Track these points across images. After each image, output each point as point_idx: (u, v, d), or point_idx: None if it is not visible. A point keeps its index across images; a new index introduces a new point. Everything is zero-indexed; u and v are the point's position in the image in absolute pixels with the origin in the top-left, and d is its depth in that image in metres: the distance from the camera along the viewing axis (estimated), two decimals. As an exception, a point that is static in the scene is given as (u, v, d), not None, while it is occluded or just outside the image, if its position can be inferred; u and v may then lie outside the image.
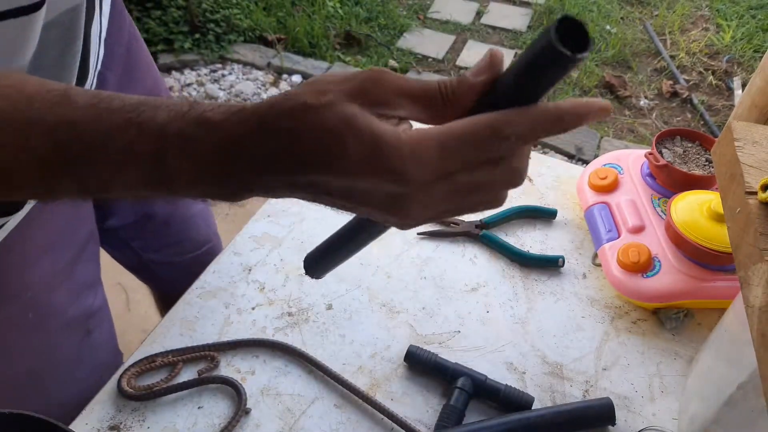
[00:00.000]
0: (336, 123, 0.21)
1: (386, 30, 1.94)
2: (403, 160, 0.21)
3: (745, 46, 1.91)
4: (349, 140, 0.21)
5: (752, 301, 0.27)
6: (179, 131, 0.21)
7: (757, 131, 0.34)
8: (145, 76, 0.53)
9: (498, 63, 0.22)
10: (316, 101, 0.21)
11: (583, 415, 0.39)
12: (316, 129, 0.21)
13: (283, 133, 0.21)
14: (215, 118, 0.22)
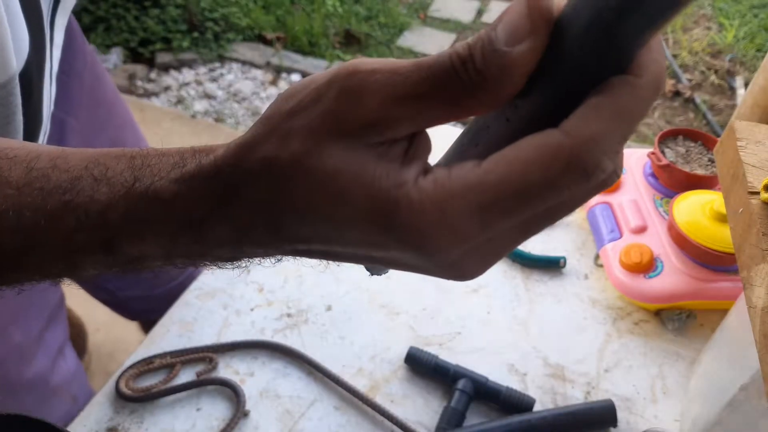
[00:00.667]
0: (313, 190, 0.15)
1: (386, 28, 1.93)
2: (423, 238, 0.14)
3: (748, 46, 1.90)
4: (340, 214, 0.15)
5: (755, 301, 0.27)
6: (125, 214, 0.17)
7: (760, 131, 0.34)
8: (109, 119, 0.49)
9: (546, 18, 0.13)
10: (280, 154, 0.15)
11: (584, 417, 0.39)
12: (290, 198, 0.15)
13: (248, 207, 0.16)
14: (165, 194, 0.16)
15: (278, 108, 0.16)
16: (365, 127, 0.14)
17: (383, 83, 0.14)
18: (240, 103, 1.67)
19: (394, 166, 0.14)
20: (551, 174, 0.13)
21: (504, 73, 0.13)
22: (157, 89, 1.69)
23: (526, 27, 0.12)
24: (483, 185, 0.13)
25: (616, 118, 0.12)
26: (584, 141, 0.12)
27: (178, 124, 1.56)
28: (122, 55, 1.75)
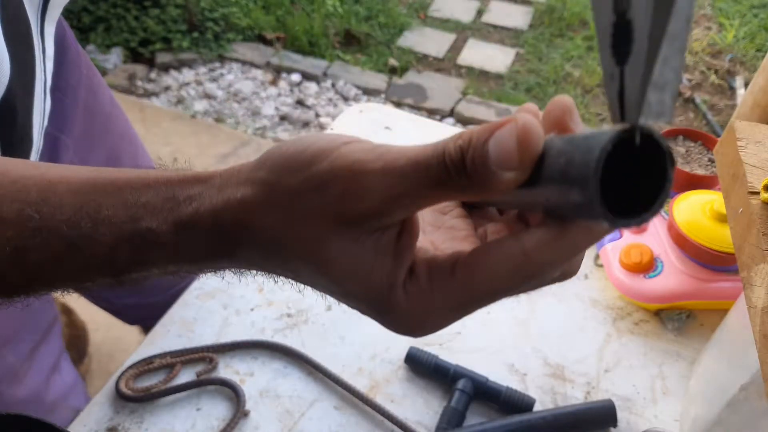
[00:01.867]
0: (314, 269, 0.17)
1: (386, 28, 1.93)
2: (408, 328, 0.17)
3: (748, 45, 1.90)
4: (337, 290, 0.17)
5: (755, 301, 0.27)
6: (131, 256, 0.18)
7: (760, 131, 0.34)
8: (106, 131, 0.47)
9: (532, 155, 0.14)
10: (286, 237, 0.17)
11: (584, 417, 0.39)
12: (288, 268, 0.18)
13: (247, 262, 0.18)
14: (166, 239, 0.18)
15: (281, 179, 0.17)
16: (366, 218, 0.16)
17: (385, 184, 0.15)
18: (240, 103, 1.67)
19: (386, 263, 0.17)
20: (512, 284, 0.16)
21: (493, 186, 0.15)
22: (157, 89, 1.69)
23: (514, 161, 0.14)
24: (460, 294, 0.16)
25: (569, 249, 0.15)
26: (540, 265, 0.15)
27: (178, 124, 1.56)
28: (122, 55, 1.75)
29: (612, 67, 0.13)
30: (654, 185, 0.13)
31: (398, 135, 0.63)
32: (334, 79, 1.74)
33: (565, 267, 0.17)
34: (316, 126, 1.61)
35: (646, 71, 0.12)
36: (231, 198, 0.18)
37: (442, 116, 1.65)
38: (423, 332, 0.17)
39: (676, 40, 0.11)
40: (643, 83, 0.12)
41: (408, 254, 0.17)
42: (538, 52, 1.88)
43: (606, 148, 0.12)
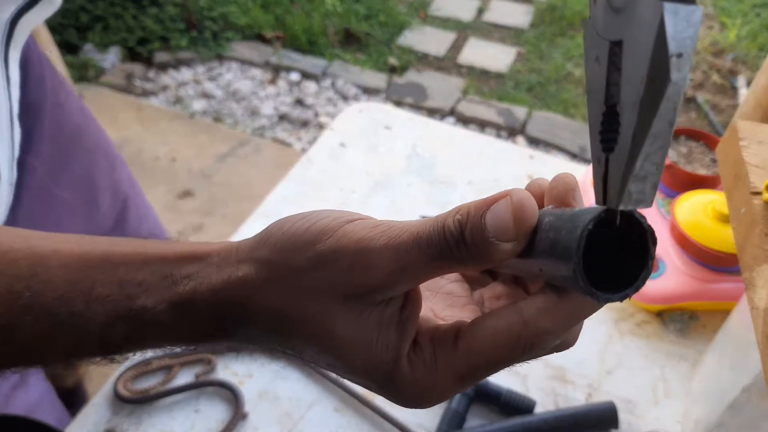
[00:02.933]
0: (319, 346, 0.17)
1: (386, 27, 1.93)
2: (414, 402, 0.17)
3: (750, 45, 1.89)
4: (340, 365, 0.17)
5: (757, 302, 0.26)
6: (126, 335, 0.18)
7: (762, 131, 0.33)
8: (76, 146, 0.43)
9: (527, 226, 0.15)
10: (291, 312, 0.17)
11: (585, 419, 0.39)
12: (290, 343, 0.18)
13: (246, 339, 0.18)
14: (164, 319, 0.18)
15: (283, 259, 0.17)
16: (371, 292, 0.17)
17: (390, 260, 0.16)
18: (239, 102, 1.67)
19: (391, 336, 0.17)
20: (513, 354, 0.16)
21: (491, 257, 0.16)
22: (155, 88, 1.68)
23: (511, 233, 0.15)
24: (463, 365, 0.17)
25: (567, 317, 0.16)
26: (538, 334, 0.16)
27: (176, 124, 1.55)
28: (120, 54, 1.74)
29: (599, 152, 0.14)
30: (638, 262, 0.14)
31: (398, 134, 0.63)
32: (334, 79, 1.73)
33: (565, 336, 0.17)
34: (316, 125, 1.60)
35: (628, 164, 0.13)
36: (231, 276, 0.18)
37: (443, 115, 1.65)
38: (428, 403, 0.17)
39: (659, 139, 0.12)
40: (625, 174, 0.13)
41: (412, 326, 0.17)
42: (539, 51, 1.88)
43: (587, 227, 0.14)
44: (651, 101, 0.12)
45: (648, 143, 0.12)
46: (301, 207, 0.64)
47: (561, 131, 1.60)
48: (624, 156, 0.13)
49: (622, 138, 0.13)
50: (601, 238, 0.14)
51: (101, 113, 1.71)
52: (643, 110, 0.12)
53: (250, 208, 0.55)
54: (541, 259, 0.15)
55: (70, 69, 1.39)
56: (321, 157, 0.60)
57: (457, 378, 0.17)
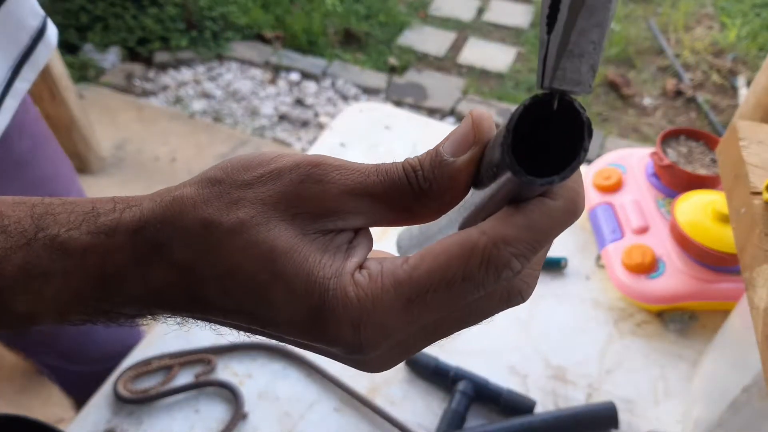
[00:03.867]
0: (253, 261, 0.14)
1: (386, 27, 1.93)
2: (354, 331, 0.14)
3: (750, 45, 1.89)
4: (274, 293, 0.14)
5: (757, 302, 0.26)
6: (23, 266, 0.15)
7: (762, 131, 0.33)
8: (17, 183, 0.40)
9: (483, 133, 0.15)
10: (223, 219, 0.14)
11: (585, 418, 0.39)
12: (223, 266, 0.14)
13: (170, 269, 0.15)
14: (74, 245, 0.15)
15: (230, 175, 0.15)
16: (320, 214, 0.15)
17: (345, 177, 0.15)
18: (239, 102, 1.67)
19: (337, 258, 0.15)
20: (469, 267, 0.14)
21: (450, 178, 0.15)
22: (155, 89, 1.68)
23: (469, 139, 0.15)
24: (410, 280, 0.14)
25: (526, 228, 0.14)
26: (495, 240, 0.14)
27: (176, 124, 1.55)
28: (120, 54, 1.74)
29: (543, 34, 0.13)
30: (573, 153, 0.13)
31: (398, 134, 0.63)
32: (334, 78, 1.73)
33: (527, 261, 0.14)
34: (316, 125, 1.60)
35: (563, 40, 0.12)
36: (164, 199, 0.15)
37: (443, 115, 1.65)
38: (369, 338, 0.14)
39: (595, 13, 0.12)
40: (559, 51, 0.12)
41: (360, 252, 0.15)
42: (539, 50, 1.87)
43: (523, 103, 0.13)
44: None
45: (583, 17, 0.12)
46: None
47: (561, 131, 1.60)
48: (559, 32, 0.12)
49: (561, 14, 0.12)
50: (540, 133, 0.14)
51: (101, 113, 1.71)
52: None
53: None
54: (488, 170, 0.14)
55: (70, 69, 1.39)
56: (321, 157, 0.60)
57: (405, 301, 0.14)
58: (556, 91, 0.13)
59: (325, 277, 0.14)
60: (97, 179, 1.35)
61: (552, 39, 0.13)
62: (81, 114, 1.28)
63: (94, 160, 1.36)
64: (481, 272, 0.14)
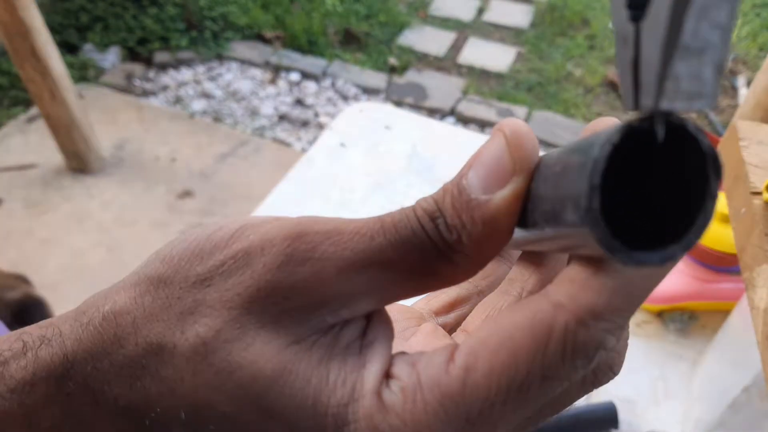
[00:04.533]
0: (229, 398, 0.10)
1: (386, 27, 1.93)
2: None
3: (750, 45, 1.89)
4: None
5: (757, 302, 0.26)
6: None
7: (762, 131, 0.33)
8: None
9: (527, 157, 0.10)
10: (177, 339, 0.10)
11: (585, 419, 0.39)
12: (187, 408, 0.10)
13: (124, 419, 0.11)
14: None
15: (180, 270, 0.11)
16: (314, 306, 0.10)
17: (341, 246, 0.10)
18: (239, 102, 1.67)
19: (350, 368, 0.10)
20: (548, 360, 0.09)
21: (484, 227, 0.10)
22: (155, 89, 1.68)
23: (506, 167, 0.10)
24: (465, 391, 0.10)
25: (619, 291, 0.09)
26: (581, 316, 0.09)
27: (176, 124, 1.55)
28: (120, 54, 1.74)
29: (625, 24, 0.08)
30: (692, 203, 0.08)
31: (398, 134, 0.63)
32: (334, 78, 1.73)
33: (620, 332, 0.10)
34: (316, 125, 1.60)
35: (671, 27, 0.07)
36: (92, 320, 0.11)
37: (443, 115, 1.65)
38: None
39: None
40: (667, 46, 0.07)
41: (381, 352, 0.11)
42: (539, 51, 1.88)
43: (610, 140, 0.08)
44: None
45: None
46: (301, 207, 0.64)
47: (561, 131, 1.60)
48: (664, 16, 0.07)
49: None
50: (629, 173, 0.09)
51: (101, 113, 1.71)
52: None
53: (250, 208, 0.55)
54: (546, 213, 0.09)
55: (70, 69, 1.39)
56: (321, 157, 0.60)
57: (462, 423, 0.09)
58: (664, 113, 0.08)
59: (340, 404, 0.10)
60: (97, 179, 1.35)
61: (646, 29, 0.08)
62: (81, 114, 1.28)
63: (94, 160, 1.36)
64: (567, 363, 0.09)
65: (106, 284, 0.12)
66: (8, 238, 1.22)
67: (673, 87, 0.07)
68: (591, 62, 1.84)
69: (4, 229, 1.24)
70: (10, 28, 1.09)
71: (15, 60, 1.16)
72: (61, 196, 1.31)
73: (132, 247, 1.21)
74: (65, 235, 1.23)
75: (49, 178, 1.35)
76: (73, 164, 1.35)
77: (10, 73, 1.55)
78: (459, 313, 0.15)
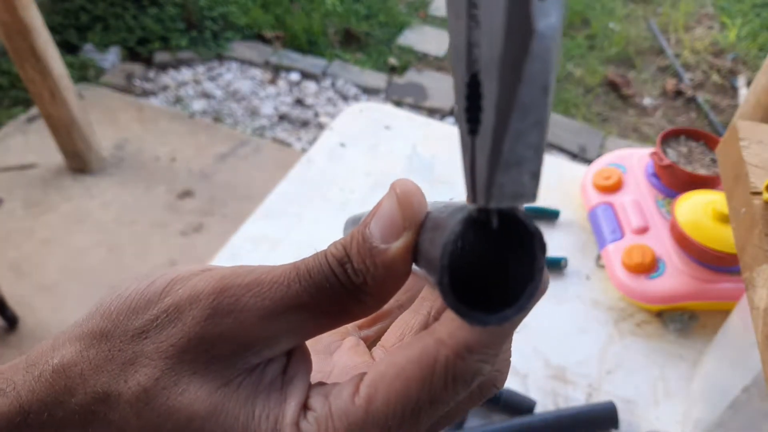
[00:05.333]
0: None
1: (386, 27, 1.93)
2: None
3: (750, 45, 1.89)
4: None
5: (757, 302, 0.26)
6: None
7: (762, 131, 0.33)
8: None
9: (414, 215, 0.12)
10: (121, 387, 0.12)
11: (585, 419, 0.39)
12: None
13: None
14: None
15: (119, 324, 0.13)
16: (240, 351, 0.12)
17: (261, 297, 0.12)
18: (239, 102, 1.67)
19: (272, 403, 0.12)
20: (433, 388, 0.11)
21: (385, 270, 0.12)
22: (155, 88, 1.68)
23: (398, 225, 0.12)
24: (367, 417, 0.12)
25: (488, 330, 0.11)
26: (458, 351, 0.11)
27: (176, 124, 1.55)
28: (120, 54, 1.74)
29: (465, 136, 0.11)
30: (526, 275, 0.11)
31: (398, 134, 0.63)
32: (334, 78, 1.73)
33: (494, 360, 0.12)
34: (316, 125, 1.60)
35: (494, 148, 0.10)
36: (43, 372, 0.12)
37: (443, 115, 1.65)
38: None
39: (531, 112, 0.09)
40: (491, 161, 0.10)
41: (299, 386, 0.13)
42: (539, 51, 1.87)
43: (454, 231, 0.11)
44: (513, 62, 0.09)
45: (516, 118, 0.09)
46: (301, 207, 0.64)
47: (561, 131, 1.60)
48: (488, 137, 0.10)
49: (486, 114, 0.10)
50: (477, 248, 0.11)
51: (101, 113, 1.71)
52: (504, 74, 0.09)
53: (250, 208, 0.55)
54: (426, 262, 0.12)
55: (70, 69, 1.39)
56: (321, 157, 0.60)
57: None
58: (494, 210, 0.10)
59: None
60: (97, 179, 1.35)
61: (479, 145, 0.10)
62: (81, 114, 1.28)
63: (94, 160, 1.36)
64: (448, 390, 0.11)
65: (105, 284, 0.13)
66: (8, 238, 1.22)
67: (498, 192, 0.10)
68: (591, 62, 1.84)
69: (4, 229, 1.24)
70: (10, 28, 1.08)
71: (15, 60, 1.16)
72: (61, 196, 1.31)
73: (132, 247, 1.21)
74: (65, 235, 1.23)
75: (49, 178, 1.35)
76: (73, 164, 1.35)
77: (10, 73, 1.55)
78: (380, 327, 0.17)
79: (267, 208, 0.55)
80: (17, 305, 1.06)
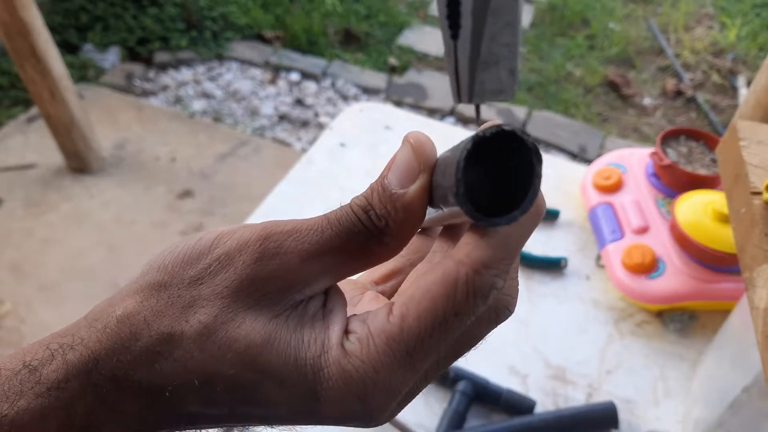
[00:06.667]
0: (231, 364, 0.13)
1: (386, 27, 1.93)
2: (362, 403, 0.13)
3: (750, 45, 1.89)
4: (265, 391, 0.13)
5: (757, 302, 0.26)
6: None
7: (762, 131, 0.33)
8: None
9: (428, 159, 0.14)
10: (185, 328, 0.13)
11: (585, 418, 0.39)
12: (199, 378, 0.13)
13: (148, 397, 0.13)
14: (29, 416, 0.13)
15: (175, 275, 0.14)
16: (285, 288, 0.14)
17: (300, 241, 0.14)
18: (239, 102, 1.67)
19: (318, 330, 0.14)
20: (457, 302, 0.13)
21: (404, 212, 0.14)
22: (155, 89, 1.68)
23: (415, 170, 0.14)
24: (403, 332, 0.13)
25: (500, 246, 0.13)
26: (475, 267, 0.13)
27: (176, 124, 1.55)
28: (120, 54, 1.74)
29: (448, 41, 0.12)
30: (526, 184, 0.12)
31: (398, 134, 0.63)
32: (334, 78, 1.73)
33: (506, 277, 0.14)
34: (316, 125, 1.60)
35: (473, 49, 0.11)
36: (107, 323, 0.14)
37: (443, 115, 1.65)
38: (379, 405, 0.14)
39: (501, 14, 0.11)
40: (471, 62, 0.11)
41: (339, 315, 0.15)
42: (540, 51, 1.88)
43: (466, 147, 0.12)
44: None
45: (490, 21, 0.11)
46: (301, 207, 0.64)
47: (561, 131, 1.60)
48: (467, 41, 0.11)
49: (464, 19, 0.11)
50: (487, 164, 0.13)
51: (101, 113, 1.71)
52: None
53: (250, 208, 0.55)
54: (441, 197, 0.13)
55: (70, 69, 1.39)
56: (321, 157, 0.60)
57: (405, 356, 0.13)
58: (502, 125, 0.12)
59: (314, 356, 0.14)
60: (97, 179, 1.35)
61: (460, 47, 0.11)
62: (81, 114, 1.28)
63: (94, 160, 1.36)
64: (470, 302, 0.13)
65: (105, 284, 0.13)
66: (8, 238, 1.22)
67: (479, 89, 0.12)
68: (591, 62, 1.84)
69: (4, 229, 1.24)
70: (10, 28, 1.08)
71: (15, 60, 1.16)
72: (61, 196, 1.31)
73: (132, 247, 1.21)
74: (65, 235, 1.23)
75: (49, 178, 1.35)
76: (73, 164, 1.35)
77: (10, 73, 1.55)
78: (395, 282, 0.19)
79: (267, 208, 0.55)
80: (17, 305, 1.06)
